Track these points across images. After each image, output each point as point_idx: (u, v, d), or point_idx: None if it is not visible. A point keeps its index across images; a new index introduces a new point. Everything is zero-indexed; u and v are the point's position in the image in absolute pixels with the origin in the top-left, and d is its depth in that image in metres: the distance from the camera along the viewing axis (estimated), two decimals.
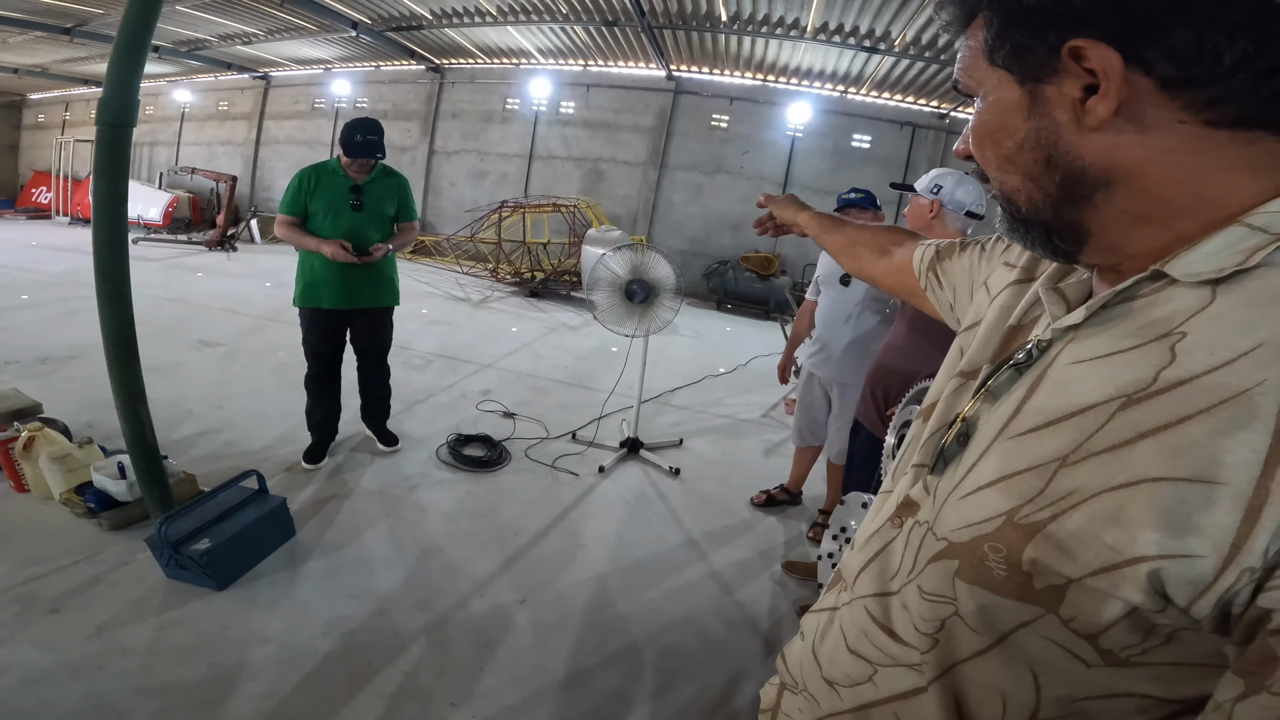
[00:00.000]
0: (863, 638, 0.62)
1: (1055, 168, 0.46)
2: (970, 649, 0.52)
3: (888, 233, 1.00)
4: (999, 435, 0.51)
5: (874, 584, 0.62)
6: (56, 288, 6.19)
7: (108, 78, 2.09)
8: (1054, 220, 0.49)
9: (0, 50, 9.58)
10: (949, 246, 0.83)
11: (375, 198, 2.93)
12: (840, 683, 0.65)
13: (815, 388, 2.91)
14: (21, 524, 2.40)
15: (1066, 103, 0.44)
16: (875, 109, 8.90)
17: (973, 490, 0.51)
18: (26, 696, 1.64)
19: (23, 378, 3.85)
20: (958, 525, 0.51)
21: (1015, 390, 0.52)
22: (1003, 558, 0.47)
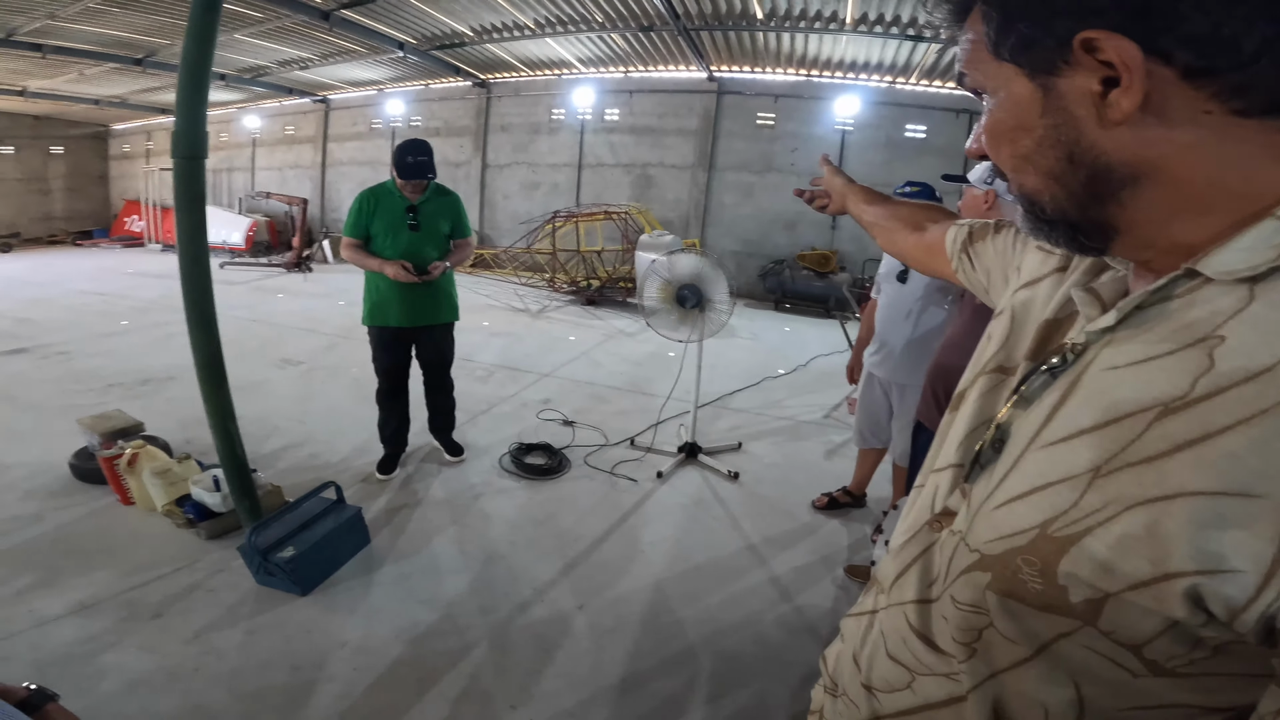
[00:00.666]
0: (902, 645, 0.62)
1: (1079, 166, 0.44)
2: (1009, 659, 0.51)
3: (925, 209, 0.98)
4: (1031, 444, 0.50)
5: (913, 590, 0.61)
6: (153, 313, 6.72)
7: (177, 112, 2.26)
8: (1080, 219, 0.47)
9: (79, 82, 10.38)
10: (983, 227, 0.80)
11: (430, 216, 3.05)
12: (879, 688, 0.65)
13: (875, 388, 2.84)
14: (128, 535, 2.64)
15: (1084, 97, 0.42)
16: (928, 98, 8.58)
17: (1005, 501, 0.50)
18: (129, 699, 1.79)
19: (126, 399, 4.21)
20: (990, 537, 0.50)
21: (1048, 396, 0.50)
22: (1037, 571, 0.46)
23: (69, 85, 10.50)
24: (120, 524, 2.73)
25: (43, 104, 11.68)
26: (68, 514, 2.77)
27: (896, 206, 1.02)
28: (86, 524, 2.71)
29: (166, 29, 7.30)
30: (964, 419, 0.61)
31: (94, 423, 3.08)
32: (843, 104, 8.75)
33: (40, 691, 0.74)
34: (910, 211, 0.99)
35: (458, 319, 3.31)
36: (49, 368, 4.86)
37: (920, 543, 0.62)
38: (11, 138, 12.96)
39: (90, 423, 3.08)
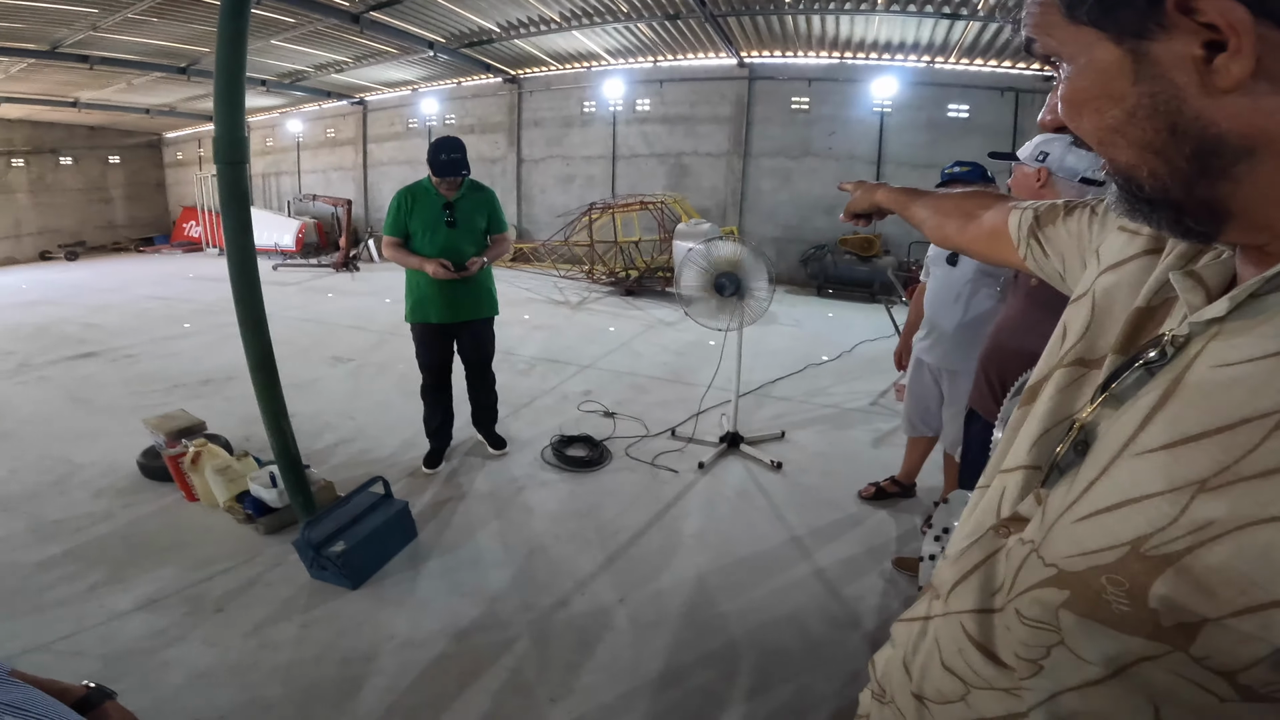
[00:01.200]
0: (958, 655, 0.58)
1: (1184, 138, 0.39)
2: (1080, 679, 0.47)
3: (974, 197, 0.92)
4: (1124, 450, 0.45)
5: (973, 599, 0.57)
6: (213, 315, 7.00)
7: (216, 119, 2.32)
8: (1186, 199, 0.41)
9: (128, 92, 10.81)
10: (1050, 210, 0.73)
11: (466, 213, 3.09)
12: (931, 699, 0.62)
13: (925, 374, 2.75)
14: (193, 530, 2.77)
15: (1185, 63, 0.38)
16: (970, 76, 8.26)
17: (1090, 514, 0.45)
18: (191, 693, 1.88)
19: (189, 398, 4.41)
20: (1070, 552, 0.46)
21: (1144, 395, 0.45)
22: (1124, 592, 0.42)
23: (119, 95, 10.98)
24: (185, 520, 2.86)
25: (96, 114, 12.24)
26: (136, 511, 2.93)
27: (940, 199, 0.97)
28: (154, 521, 2.85)
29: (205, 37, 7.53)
30: (1038, 416, 0.57)
31: (159, 422, 3.22)
32: (880, 86, 8.51)
33: (99, 690, 0.77)
34: (957, 201, 0.94)
35: (497, 313, 3.34)
36: (117, 370, 5.13)
37: (984, 549, 0.57)
38: (69, 149, 13.64)
39: (156, 422, 3.23)
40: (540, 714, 1.83)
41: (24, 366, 5.21)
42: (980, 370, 2.13)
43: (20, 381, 4.83)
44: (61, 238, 13.37)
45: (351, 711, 1.82)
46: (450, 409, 3.42)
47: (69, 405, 4.33)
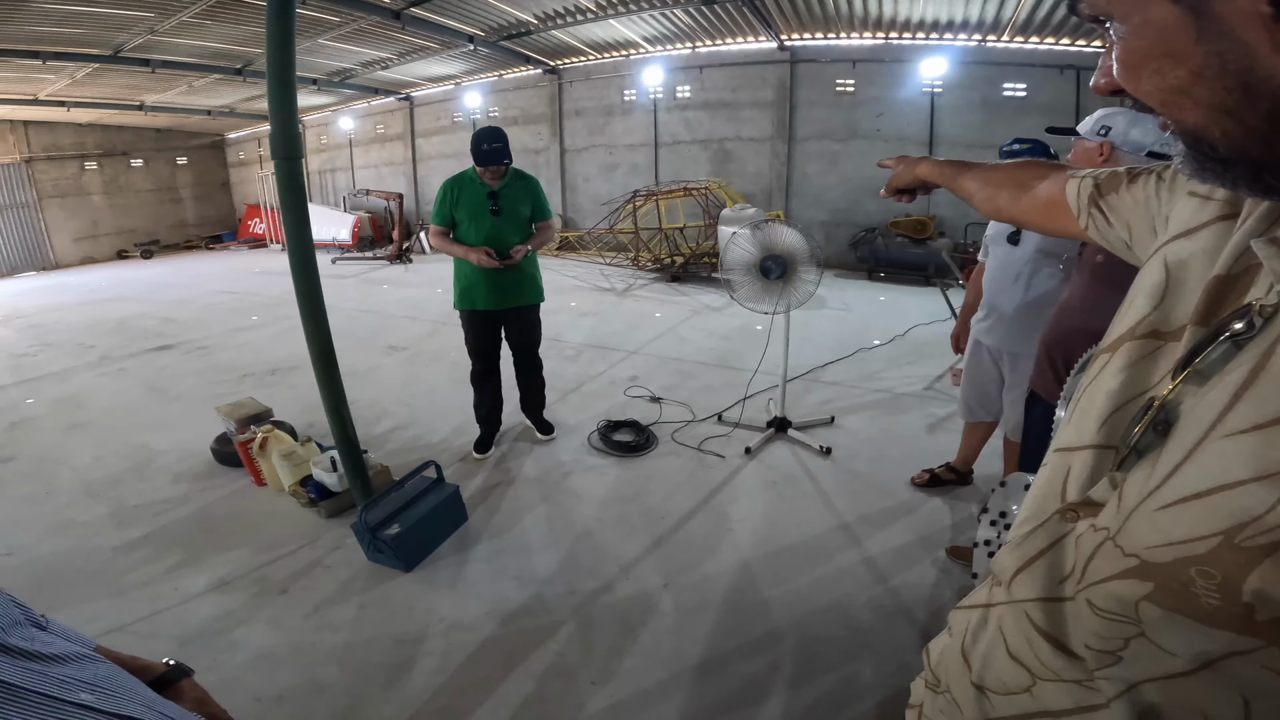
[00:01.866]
0: (1025, 645, 0.56)
1: (1258, 97, 0.37)
2: (1163, 670, 0.45)
3: (1028, 167, 0.88)
4: (1211, 431, 0.42)
5: (1038, 587, 0.55)
6: (278, 308, 7.32)
7: (270, 117, 2.40)
8: (1266, 155, 0.39)
9: (190, 94, 11.31)
10: (1112, 177, 0.70)
11: (511, 201, 3.12)
12: (993, 689, 0.60)
13: (984, 357, 2.65)
14: (261, 514, 2.91)
15: (1252, 20, 0.35)
16: (1025, 55, 7.83)
17: (1176, 500, 0.42)
18: (255, 673, 1.97)
19: (257, 387, 4.64)
20: (1154, 542, 0.43)
21: (1233, 370, 0.42)
22: (1215, 585, 0.40)
23: (182, 98, 11.51)
24: (254, 504, 3.01)
25: (162, 117, 12.87)
26: (209, 495, 3.10)
27: (991, 170, 0.92)
28: (226, 505, 3.02)
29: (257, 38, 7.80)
30: (1105, 392, 0.54)
31: (230, 410, 3.39)
32: (929, 66, 8.16)
33: (178, 667, 0.82)
34: (1010, 171, 0.89)
35: (543, 300, 3.37)
36: (191, 361, 5.43)
37: (1049, 534, 0.55)
38: (139, 151, 14.41)
39: (227, 410, 3.39)
40: (582, 698, 1.86)
41: (105, 359, 5.57)
42: (1043, 351, 2.04)
43: (102, 373, 5.16)
44: (136, 237, 14.19)
45: (401, 692, 1.88)
46: (499, 395, 3.48)
47: (147, 395, 4.61)
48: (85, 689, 0.58)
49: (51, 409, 4.38)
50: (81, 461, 3.51)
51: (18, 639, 0.59)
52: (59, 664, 0.60)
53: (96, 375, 5.11)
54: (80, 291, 9.41)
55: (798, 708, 1.81)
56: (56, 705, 0.54)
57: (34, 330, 6.88)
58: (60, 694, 0.55)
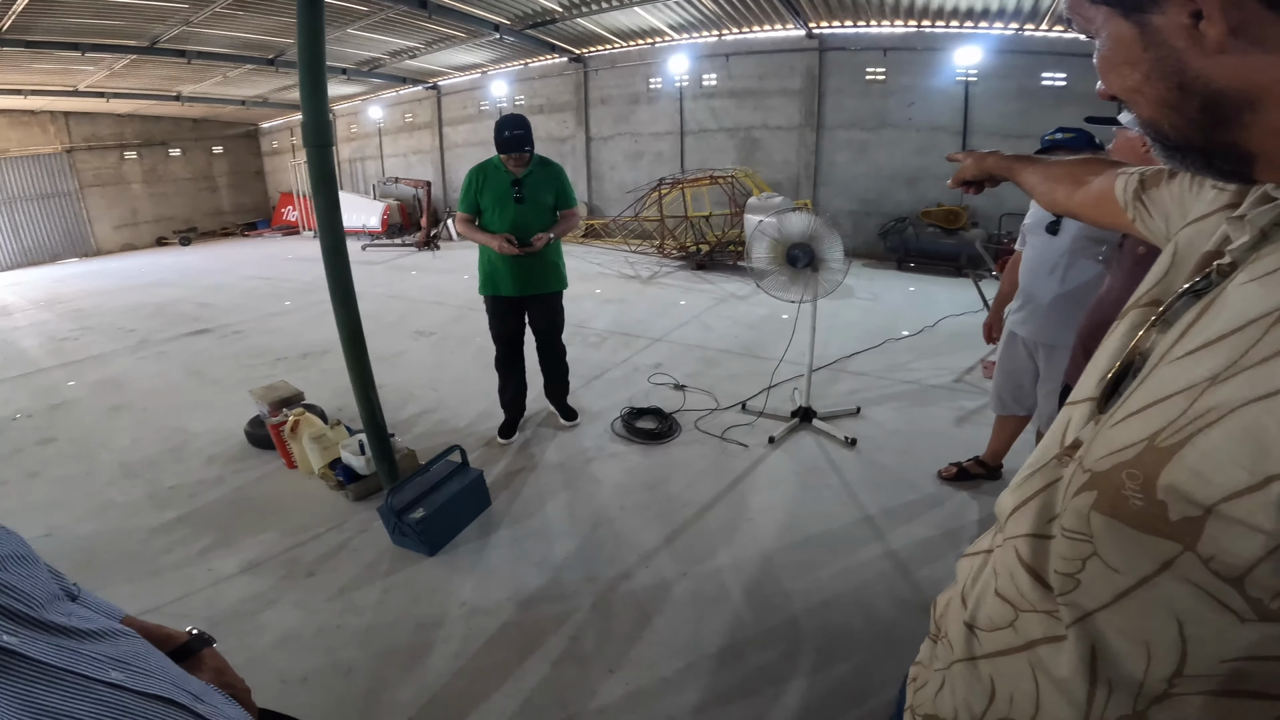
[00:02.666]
0: (1010, 580, 0.60)
1: (1190, 94, 0.45)
2: (1111, 592, 0.48)
3: (1084, 164, 0.95)
4: (1161, 361, 0.49)
5: (1028, 524, 0.58)
6: (311, 294, 7.46)
7: (302, 105, 2.42)
8: (1207, 144, 0.47)
9: (224, 85, 11.56)
10: (1156, 174, 0.76)
11: (534, 189, 3.12)
12: (981, 626, 0.63)
13: (1019, 349, 2.59)
14: (291, 496, 2.98)
15: (1180, 30, 0.43)
16: (1066, 44, 7.52)
17: (1123, 418, 0.49)
18: (280, 654, 2.02)
19: (290, 371, 4.73)
20: (1102, 454, 0.49)
21: (1187, 315, 0.50)
22: (1139, 485, 0.45)
23: (216, 88, 11.75)
24: (285, 486, 3.08)
25: (198, 107, 13.19)
26: (243, 477, 3.18)
27: (1051, 166, 1.00)
28: (258, 487, 3.09)
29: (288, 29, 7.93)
30: (1107, 352, 0.60)
31: (263, 393, 3.47)
32: (963, 54, 7.93)
33: (199, 636, 0.85)
34: (1068, 167, 0.97)
35: (565, 288, 3.37)
36: (227, 345, 5.57)
37: (1045, 476, 0.59)
38: (177, 141, 14.78)
39: (260, 393, 3.47)
40: (598, 684, 1.87)
41: (144, 343, 5.74)
42: (1079, 345, 1.98)
43: (141, 356, 5.32)
44: (175, 224, 14.58)
45: (422, 675, 1.91)
46: (522, 381, 3.50)
47: (185, 378, 4.74)
48: (116, 666, 0.59)
49: (92, 391, 4.53)
50: (120, 443, 3.63)
51: (55, 614, 0.60)
52: (92, 640, 0.61)
53: (136, 358, 5.27)
54: (120, 277, 9.71)
55: (815, 700, 1.80)
56: (89, 685, 0.54)
57: (76, 315, 7.12)
58: (92, 673, 0.56)
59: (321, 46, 2.39)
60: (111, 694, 0.56)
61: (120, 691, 0.57)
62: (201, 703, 0.67)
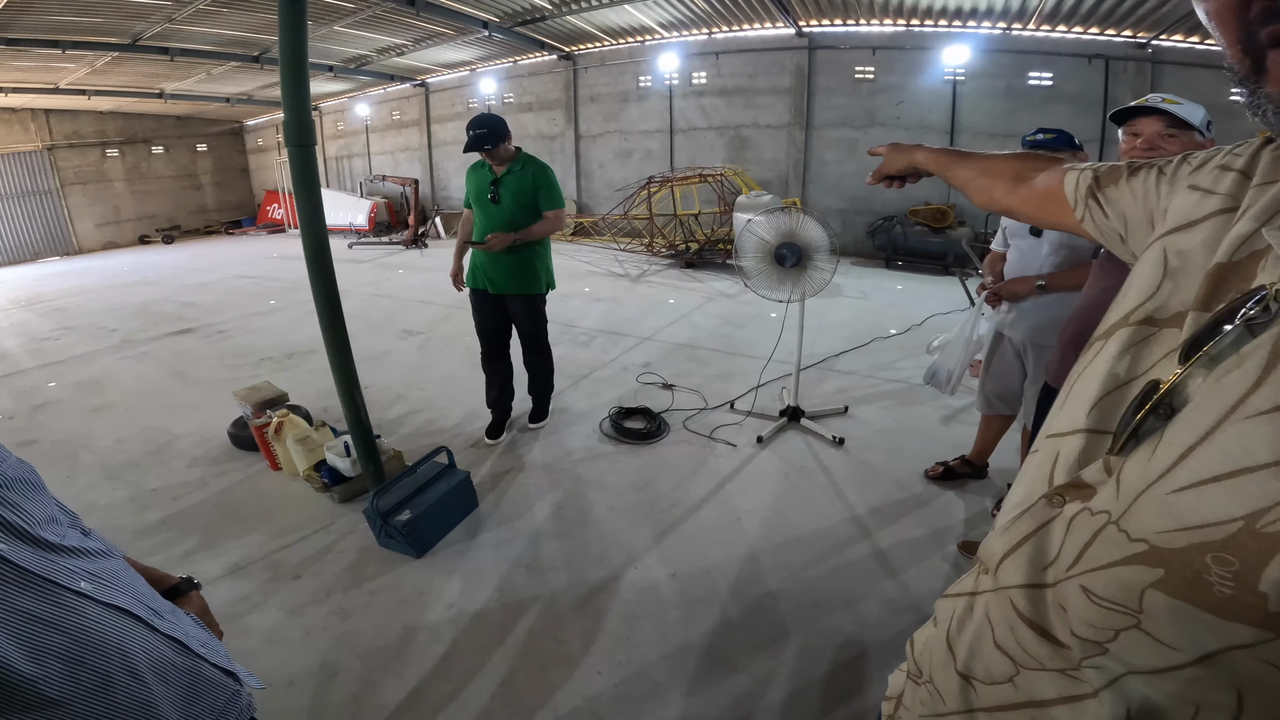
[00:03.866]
0: (1009, 634, 0.56)
1: None
2: (1155, 663, 0.44)
3: (1026, 159, 0.89)
4: (1231, 413, 0.40)
5: (1022, 573, 0.54)
6: (296, 292, 7.38)
7: (283, 104, 2.39)
8: None
9: (208, 82, 11.40)
10: (1111, 171, 0.71)
11: (511, 189, 3.11)
12: (979, 678, 0.60)
13: (1006, 350, 2.61)
14: (276, 498, 2.95)
15: None
16: (1053, 43, 7.62)
17: (1192, 484, 0.41)
18: (266, 657, 2.00)
19: (274, 371, 4.69)
20: (1166, 527, 0.42)
21: (1250, 354, 0.41)
22: (1231, 573, 0.38)
23: (200, 85, 11.59)
24: (269, 488, 3.05)
25: (181, 105, 13.00)
26: (226, 479, 3.14)
27: (989, 160, 0.93)
28: (242, 489, 3.06)
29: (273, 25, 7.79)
30: (1097, 376, 0.54)
31: (247, 394, 3.42)
32: (951, 53, 7.98)
33: (188, 580, 0.96)
34: (1008, 162, 0.90)
35: (543, 291, 3.33)
36: (211, 345, 5.50)
37: (1034, 519, 0.54)
38: (160, 138, 14.58)
39: (244, 394, 3.43)
40: (587, 685, 1.86)
41: (127, 343, 5.67)
42: (1061, 349, 2.00)
43: (123, 357, 5.25)
44: (158, 222, 14.39)
45: (409, 678, 1.90)
46: (507, 381, 3.50)
47: (168, 378, 4.68)
48: (86, 579, 0.68)
49: (74, 392, 4.46)
50: (103, 444, 3.58)
51: (49, 533, 0.68)
52: (74, 556, 0.69)
53: (118, 358, 5.20)
54: (102, 276, 9.57)
55: (802, 700, 1.80)
56: (56, 590, 0.63)
57: (57, 314, 7.01)
58: (63, 581, 0.64)
59: (303, 44, 2.36)
60: (75, 600, 0.64)
61: (83, 599, 0.65)
62: (161, 619, 0.76)
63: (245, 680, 0.89)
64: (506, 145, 3.09)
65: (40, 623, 0.60)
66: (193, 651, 0.79)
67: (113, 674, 0.65)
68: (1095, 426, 0.52)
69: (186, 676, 0.76)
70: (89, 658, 0.63)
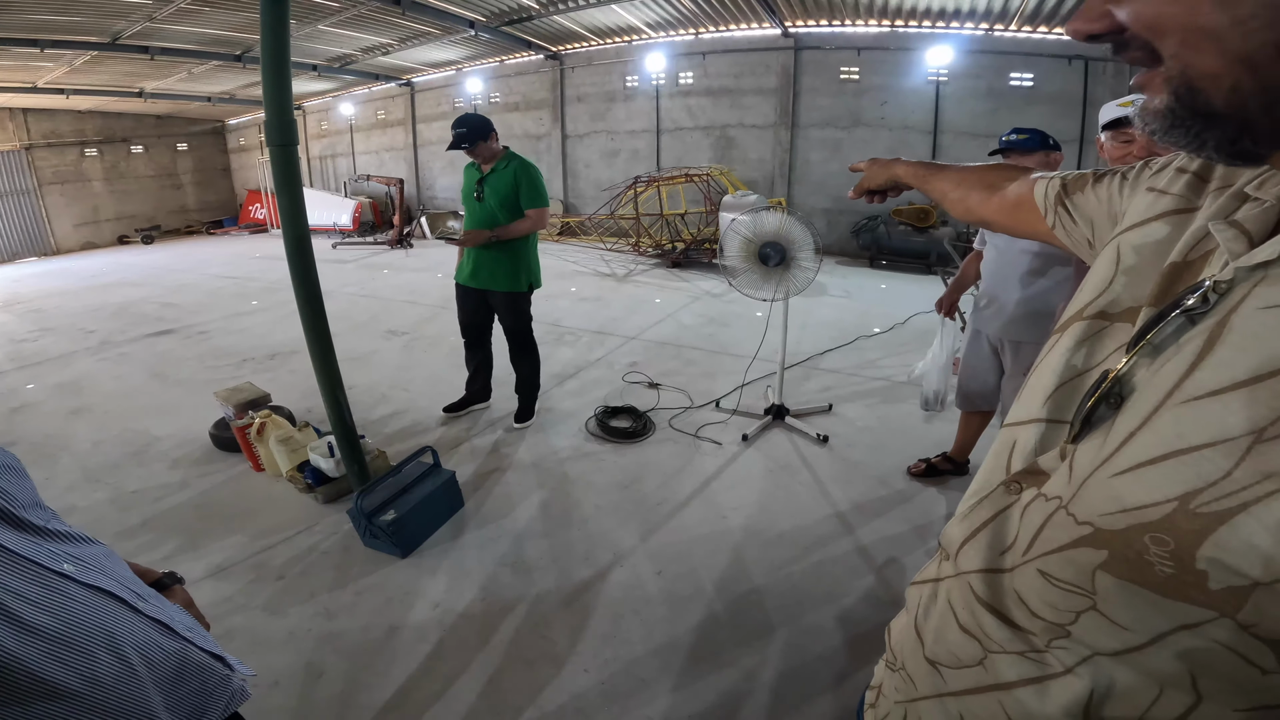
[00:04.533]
0: (971, 617, 0.57)
1: None
2: (1113, 645, 0.45)
3: (998, 169, 0.91)
4: (1167, 399, 0.42)
5: (980, 558, 0.55)
6: (279, 293, 7.30)
7: (265, 103, 2.37)
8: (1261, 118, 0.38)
9: (189, 81, 11.26)
10: (1078, 178, 0.72)
11: (494, 187, 3.16)
12: (945, 663, 0.61)
13: (984, 346, 2.64)
14: (259, 499, 2.92)
15: None
16: (1034, 44, 7.74)
17: (1131, 467, 0.42)
18: (251, 658, 1.95)
19: (256, 372, 4.64)
20: (1110, 509, 0.43)
21: (1188, 342, 0.43)
22: (1169, 552, 0.39)
23: (181, 85, 11.44)
24: (252, 489, 3.02)
25: (162, 104, 12.81)
26: (208, 480, 3.11)
27: (964, 172, 0.95)
28: (224, 490, 3.03)
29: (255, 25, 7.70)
30: (1052, 369, 0.55)
31: (229, 395, 3.39)
32: (935, 54, 8.09)
33: (170, 574, 0.98)
34: (981, 174, 0.92)
35: (523, 289, 3.34)
36: (192, 346, 5.44)
37: (992, 505, 0.56)
38: (139, 137, 14.35)
39: (225, 395, 3.40)
40: (574, 684, 1.87)
41: (106, 344, 5.58)
42: None
43: (103, 358, 5.17)
44: (137, 222, 14.17)
45: (395, 678, 1.89)
46: (484, 374, 3.64)
47: (147, 380, 4.62)
48: (70, 561, 0.70)
49: (52, 394, 4.39)
50: (82, 447, 3.53)
51: (34, 517, 0.70)
52: (58, 540, 0.71)
53: (97, 360, 5.12)
54: (81, 277, 9.42)
55: (788, 695, 1.82)
56: (40, 571, 0.65)
57: (35, 315, 6.89)
58: (48, 563, 0.66)
59: (286, 43, 2.34)
60: (59, 581, 0.66)
61: (67, 581, 0.67)
62: (145, 602, 0.77)
63: (236, 667, 0.89)
64: (490, 144, 3.12)
65: (25, 601, 0.61)
66: (179, 634, 0.79)
67: (98, 654, 0.66)
68: (1051, 416, 0.53)
69: (173, 659, 0.77)
70: (75, 637, 0.64)
